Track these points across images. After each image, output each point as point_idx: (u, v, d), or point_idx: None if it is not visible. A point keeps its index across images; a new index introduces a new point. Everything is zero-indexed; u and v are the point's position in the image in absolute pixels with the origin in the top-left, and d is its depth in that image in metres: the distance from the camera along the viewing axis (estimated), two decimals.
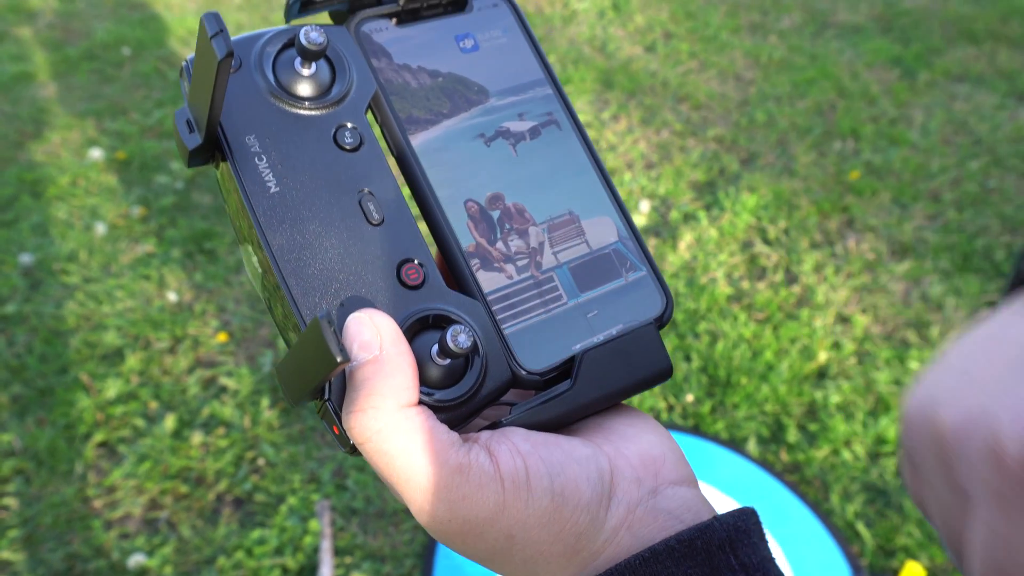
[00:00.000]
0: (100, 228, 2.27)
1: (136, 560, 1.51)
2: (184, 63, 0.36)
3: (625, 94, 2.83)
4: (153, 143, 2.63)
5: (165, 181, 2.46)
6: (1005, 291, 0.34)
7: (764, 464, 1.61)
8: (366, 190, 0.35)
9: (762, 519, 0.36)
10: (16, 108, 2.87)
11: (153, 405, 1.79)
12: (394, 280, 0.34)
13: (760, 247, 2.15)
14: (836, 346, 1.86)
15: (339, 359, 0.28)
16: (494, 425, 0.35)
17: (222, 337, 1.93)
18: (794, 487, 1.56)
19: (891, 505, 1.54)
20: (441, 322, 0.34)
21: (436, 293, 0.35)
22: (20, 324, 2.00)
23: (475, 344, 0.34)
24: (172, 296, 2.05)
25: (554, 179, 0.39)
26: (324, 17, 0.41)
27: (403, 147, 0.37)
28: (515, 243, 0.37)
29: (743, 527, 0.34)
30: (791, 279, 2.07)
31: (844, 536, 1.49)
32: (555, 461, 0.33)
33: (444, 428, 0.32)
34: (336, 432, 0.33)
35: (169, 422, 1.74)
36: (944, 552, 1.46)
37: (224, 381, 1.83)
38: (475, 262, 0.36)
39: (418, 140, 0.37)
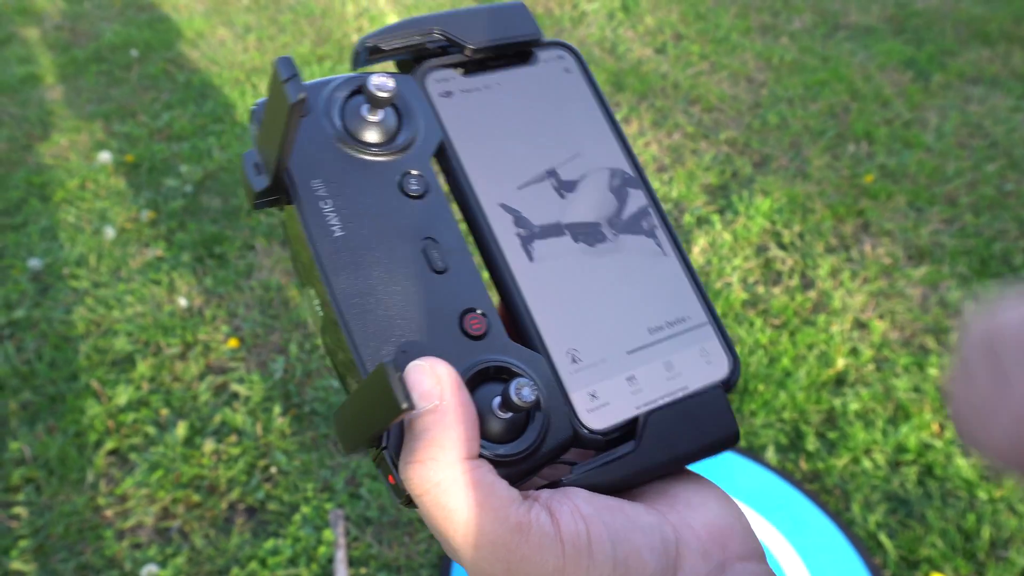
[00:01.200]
0: (109, 232, 2.25)
1: (149, 571, 1.49)
2: (254, 107, 0.36)
3: (636, 96, 2.81)
4: (162, 146, 2.62)
5: (174, 184, 2.45)
6: None
7: (783, 473, 1.59)
8: (430, 238, 0.35)
9: (783, 529, 0.35)
10: (24, 110, 2.86)
11: (164, 412, 1.77)
12: (456, 329, 0.34)
13: (775, 251, 2.13)
14: (854, 352, 1.84)
15: (403, 406, 0.27)
16: (553, 484, 0.33)
17: (233, 343, 1.92)
18: (814, 496, 1.54)
19: (913, 515, 1.52)
20: (503, 374, 0.33)
21: (499, 345, 0.34)
22: (29, 329, 1.99)
23: (538, 399, 0.33)
24: (182, 301, 2.03)
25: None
26: (390, 66, 0.40)
27: (468, 196, 0.37)
28: None
29: None
30: (807, 284, 2.05)
31: (866, 547, 1.47)
32: (618, 527, 0.31)
33: (505, 484, 0.31)
34: (391, 482, 0.32)
35: (180, 429, 1.72)
36: (969, 564, 1.44)
37: (235, 388, 1.82)
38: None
39: (482, 190, 0.37)
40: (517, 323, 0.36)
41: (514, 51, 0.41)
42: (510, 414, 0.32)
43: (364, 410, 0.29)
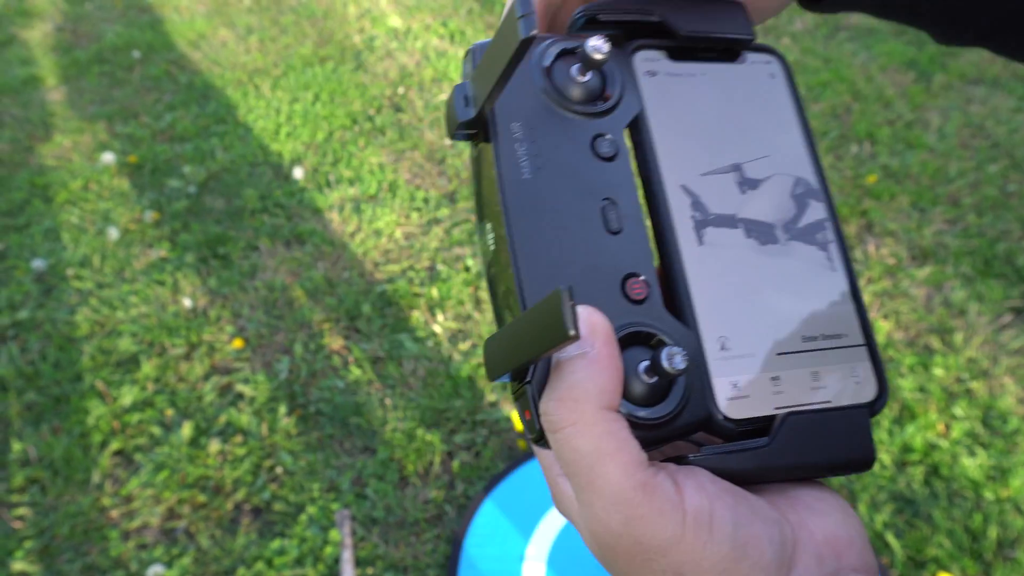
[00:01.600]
0: (113, 233, 2.25)
1: (155, 571, 1.49)
2: (472, 48, 0.39)
3: None
4: (165, 147, 2.62)
5: (178, 185, 2.44)
6: None
7: None
8: (610, 199, 0.36)
9: None
10: (26, 112, 2.85)
11: (169, 412, 1.77)
12: (618, 290, 0.35)
13: None
14: None
15: (571, 332, 0.27)
16: (680, 460, 0.33)
17: (238, 343, 1.92)
18: None
19: (920, 515, 1.52)
20: (652, 341, 0.34)
21: (655, 313, 0.35)
22: (33, 330, 1.98)
23: (686, 370, 0.33)
24: (187, 302, 2.03)
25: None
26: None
27: (652, 171, 0.38)
28: None
29: None
30: None
31: (873, 547, 1.47)
32: (741, 512, 0.31)
33: (636, 443, 0.31)
34: (527, 417, 0.33)
35: (186, 430, 1.72)
36: (977, 564, 1.44)
37: (240, 388, 1.81)
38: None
39: (668, 168, 0.38)
40: (675, 299, 0.36)
41: (724, 47, 0.42)
42: (655, 379, 0.33)
43: (525, 336, 0.30)
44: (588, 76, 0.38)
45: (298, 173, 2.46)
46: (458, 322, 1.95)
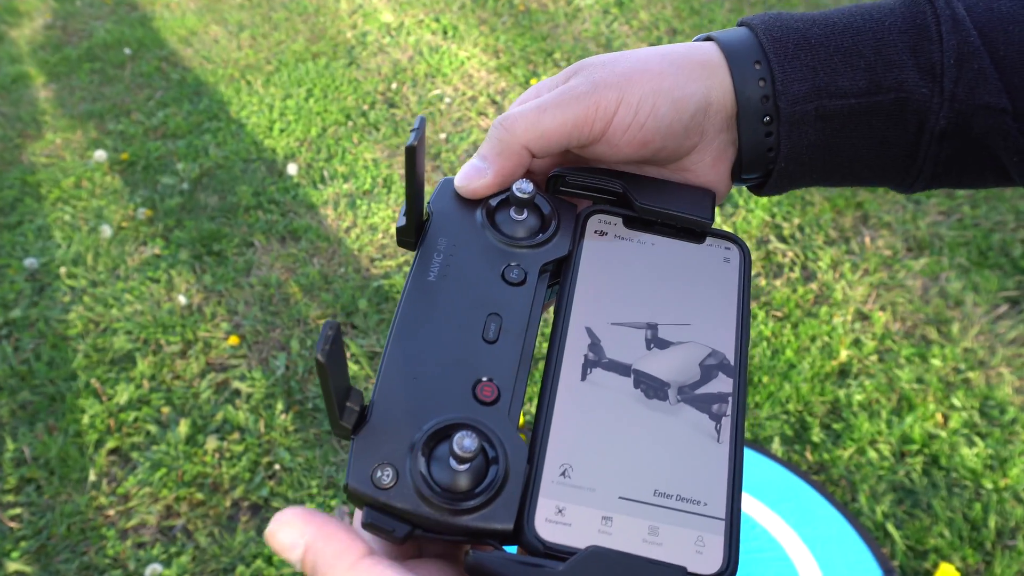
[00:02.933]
0: (106, 230, 2.23)
1: (153, 570, 1.48)
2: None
3: None
4: (157, 144, 2.60)
5: (171, 182, 2.43)
6: None
7: (790, 465, 1.58)
8: (498, 314, 0.39)
9: (791, 521, 0.35)
10: (16, 109, 2.83)
11: (165, 410, 1.76)
12: (469, 387, 0.36)
13: (775, 244, 2.13)
14: (857, 344, 1.84)
15: (319, 357, 0.30)
16: (460, 551, 0.35)
17: (233, 340, 1.90)
18: (821, 487, 1.54)
19: (920, 505, 1.52)
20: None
21: (496, 417, 0.36)
22: (26, 329, 1.97)
23: (486, 456, 0.35)
24: (182, 299, 2.01)
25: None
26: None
27: (561, 307, 0.40)
28: None
29: None
30: (808, 276, 2.05)
31: (874, 537, 1.47)
32: None
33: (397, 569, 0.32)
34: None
35: (182, 428, 1.71)
36: (977, 553, 1.44)
37: (237, 385, 1.80)
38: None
39: (578, 308, 0.40)
40: (536, 421, 0.37)
41: (682, 225, 0.44)
42: (462, 467, 0.33)
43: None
44: (523, 215, 0.42)
45: (292, 169, 2.45)
46: None
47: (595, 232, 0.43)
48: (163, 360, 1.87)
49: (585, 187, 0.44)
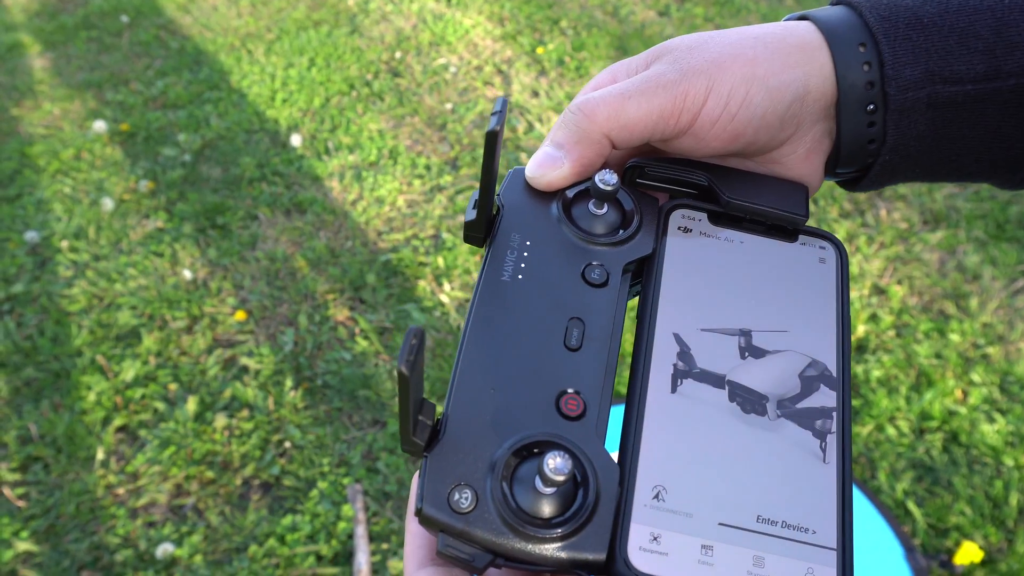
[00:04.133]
0: (107, 203, 2.19)
1: (164, 549, 1.46)
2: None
3: None
4: (157, 114, 2.55)
5: (172, 154, 2.38)
6: None
7: None
8: (580, 319, 0.36)
9: None
10: (12, 79, 2.77)
11: (173, 387, 1.73)
12: (552, 401, 0.34)
13: None
14: (874, 318, 1.82)
15: (401, 368, 0.28)
16: None
17: (240, 315, 1.87)
18: None
19: (940, 483, 1.51)
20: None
21: (583, 434, 0.33)
22: (29, 304, 1.93)
23: (576, 480, 0.31)
24: (187, 273, 1.98)
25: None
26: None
27: (646, 312, 0.37)
28: None
29: None
30: None
31: (894, 515, 1.46)
32: None
33: None
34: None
35: (191, 405, 1.68)
36: (999, 531, 1.42)
37: (245, 361, 1.78)
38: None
39: (665, 312, 0.37)
40: (623, 438, 0.34)
41: (772, 222, 0.41)
42: (550, 490, 0.31)
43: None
44: (603, 210, 0.39)
45: (296, 140, 2.40)
46: (465, 292, 1.91)
47: (679, 228, 0.40)
48: (169, 336, 1.84)
49: (666, 179, 0.41)
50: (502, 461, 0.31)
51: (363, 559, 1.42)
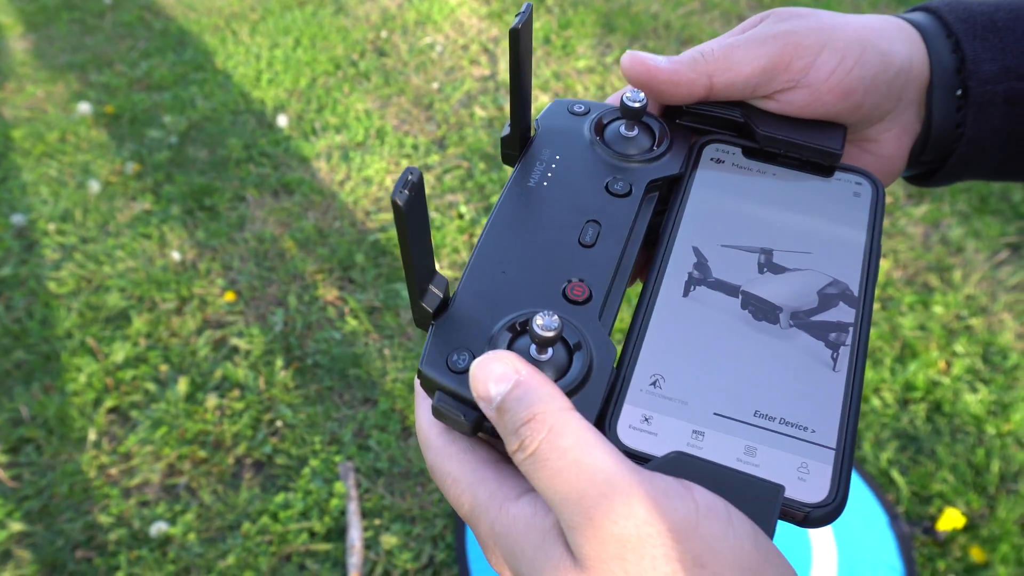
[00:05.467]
0: (94, 186, 2.18)
1: (158, 528, 1.47)
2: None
3: (628, 38, 2.75)
4: (142, 96, 2.54)
5: (158, 136, 2.37)
6: None
7: None
8: (598, 221, 0.38)
9: None
10: None
11: (163, 368, 1.74)
12: (559, 288, 0.35)
13: None
14: None
15: (395, 198, 0.28)
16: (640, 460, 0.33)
17: (230, 296, 1.88)
18: None
19: (923, 451, 1.53)
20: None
21: (585, 317, 0.34)
22: (17, 287, 1.93)
23: (568, 351, 0.33)
24: (175, 255, 1.98)
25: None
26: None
27: (668, 224, 0.38)
28: None
29: None
30: None
31: (879, 484, 1.48)
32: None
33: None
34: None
35: (182, 385, 1.69)
36: (981, 498, 1.45)
37: (235, 342, 1.78)
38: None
39: (686, 226, 0.38)
40: (629, 331, 0.35)
41: (809, 159, 0.41)
42: (545, 355, 0.32)
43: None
44: (634, 132, 0.41)
45: (282, 121, 2.40)
46: (454, 270, 1.92)
47: (711, 160, 0.41)
48: (159, 317, 1.84)
49: (703, 116, 0.42)
50: (503, 330, 0.33)
51: (356, 535, 1.44)
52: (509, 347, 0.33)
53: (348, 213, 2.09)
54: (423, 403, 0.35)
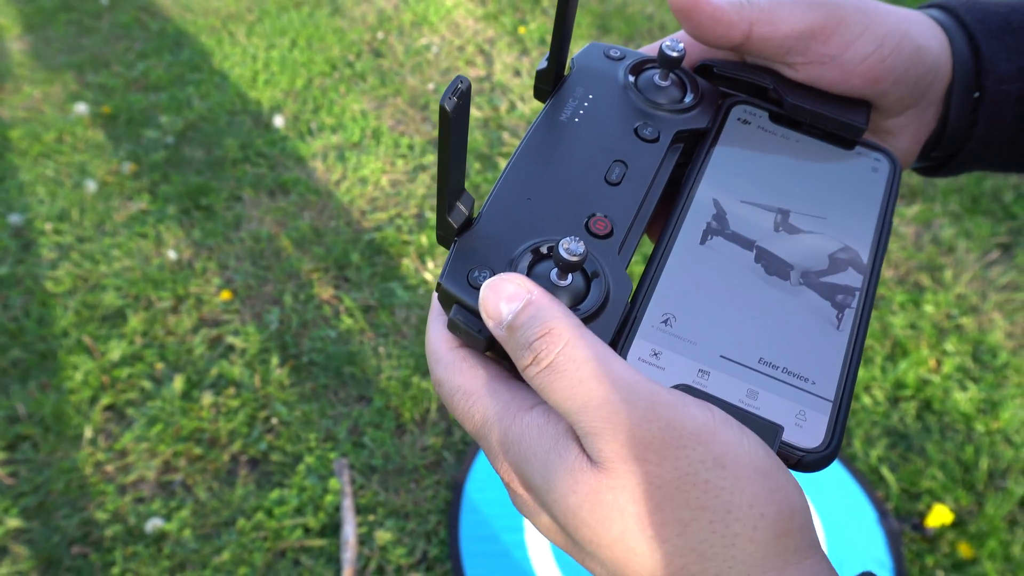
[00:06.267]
0: (90, 185, 2.20)
1: (154, 524, 1.48)
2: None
3: (623, 39, 2.77)
4: (139, 96, 2.55)
5: (155, 136, 2.38)
6: None
7: None
8: (625, 162, 0.38)
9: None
10: None
11: (159, 366, 1.75)
12: (582, 220, 0.36)
13: None
14: None
15: (444, 103, 0.29)
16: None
17: (225, 295, 1.89)
18: None
19: (913, 449, 1.54)
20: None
21: (605, 250, 0.35)
22: (14, 286, 1.94)
23: (587, 279, 0.34)
24: (171, 254, 1.99)
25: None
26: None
27: (691, 177, 0.39)
28: None
29: None
30: None
31: (868, 480, 1.49)
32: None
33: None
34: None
35: (177, 383, 1.70)
36: (969, 494, 1.46)
37: (231, 340, 1.79)
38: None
39: (709, 179, 0.39)
40: (645, 271, 0.36)
41: (833, 131, 0.42)
42: (566, 281, 0.33)
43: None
44: (667, 82, 0.42)
45: (278, 121, 2.41)
46: None
47: (738, 120, 0.42)
48: (155, 316, 1.85)
49: (734, 79, 0.43)
50: (525, 252, 0.34)
51: (350, 531, 1.45)
52: (530, 270, 0.34)
53: (344, 212, 2.10)
54: (437, 318, 0.35)
